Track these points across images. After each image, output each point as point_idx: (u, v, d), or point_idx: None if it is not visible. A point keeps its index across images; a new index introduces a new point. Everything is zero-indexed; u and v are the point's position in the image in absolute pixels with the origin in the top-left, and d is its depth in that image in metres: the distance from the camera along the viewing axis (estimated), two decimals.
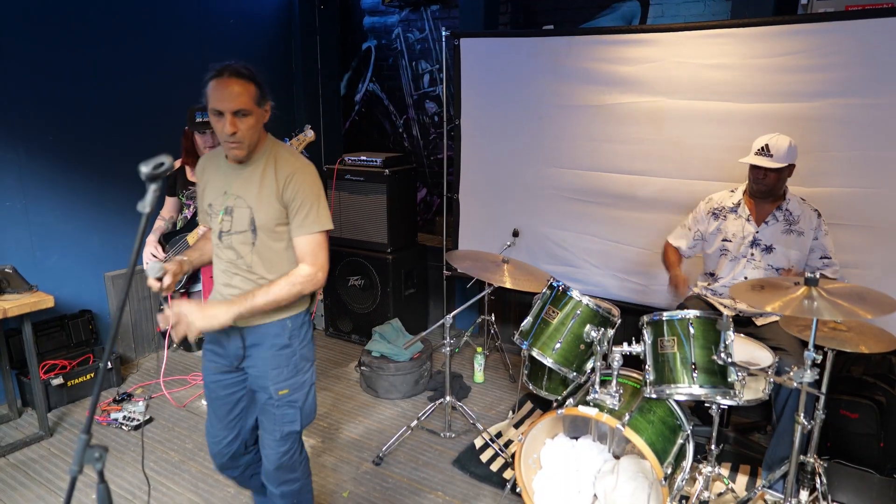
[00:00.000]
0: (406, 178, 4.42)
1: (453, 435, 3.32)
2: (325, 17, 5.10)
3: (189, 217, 3.35)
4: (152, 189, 1.37)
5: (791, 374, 2.08)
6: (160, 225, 3.34)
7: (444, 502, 2.80)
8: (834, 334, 2.33)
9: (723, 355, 2.21)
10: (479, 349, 4.00)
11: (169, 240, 3.31)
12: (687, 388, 2.30)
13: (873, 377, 2.87)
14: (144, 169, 1.33)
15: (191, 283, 3.34)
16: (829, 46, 2.97)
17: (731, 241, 2.96)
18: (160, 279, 1.89)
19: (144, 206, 1.35)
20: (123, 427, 3.37)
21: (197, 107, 3.07)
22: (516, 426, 3.45)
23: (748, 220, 2.93)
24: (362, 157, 4.32)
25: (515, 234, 3.97)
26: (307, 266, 1.96)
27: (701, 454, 2.88)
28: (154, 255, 3.23)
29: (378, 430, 3.39)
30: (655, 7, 3.97)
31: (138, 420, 3.41)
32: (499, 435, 3.31)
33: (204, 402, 3.60)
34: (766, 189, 2.82)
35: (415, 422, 3.22)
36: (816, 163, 3.08)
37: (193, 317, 1.82)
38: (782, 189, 2.87)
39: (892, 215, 2.97)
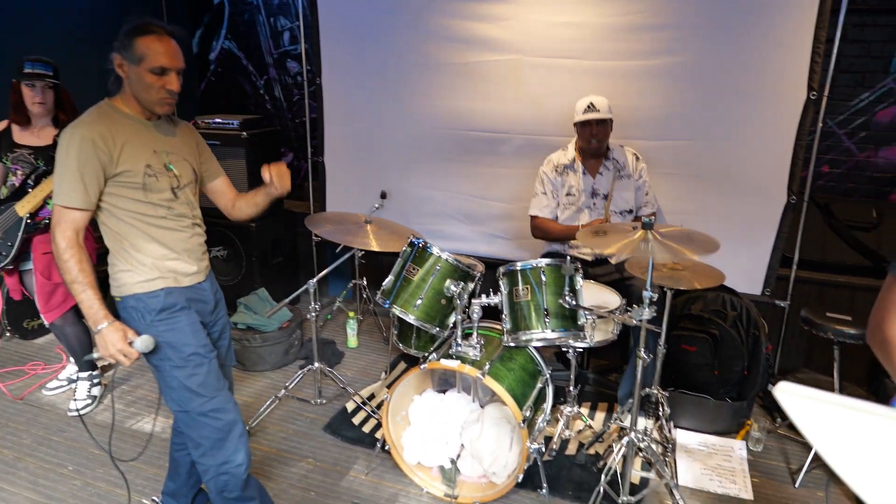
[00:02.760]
0: (267, 141, 4.20)
1: (324, 401, 3.26)
2: None
3: (17, 185, 2.90)
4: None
5: (630, 313, 2.22)
6: None
7: (314, 468, 2.76)
8: (672, 274, 2.51)
9: (567, 298, 2.32)
10: (352, 314, 3.95)
11: None
12: (541, 333, 2.40)
13: (710, 314, 3.16)
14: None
15: (20, 260, 2.95)
16: (663, 6, 3.16)
17: (573, 194, 3.15)
18: None
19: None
20: None
21: (30, 57, 2.72)
22: (389, 387, 3.44)
23: (584, 173, 3.16)
24: (217, 120, 4.04)
25: (383, 195, 3.92)
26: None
27: (562, 397, 3.05)
28: None
29: (246, 404, 3.25)
30: None
31: None
32: (371, 397, 3.30)
33: (46, 392, 3.30)
34: (599, 144, 3.07)
35: (283, 391, 3.13)
36: (655, 117, 3.28)
37: (111, 342, 1.78)
38: (607, 143, 3.13)
39: (714, 163, 3.26)
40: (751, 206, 3.24)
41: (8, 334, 3.88)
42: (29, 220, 2.85)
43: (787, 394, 1.26)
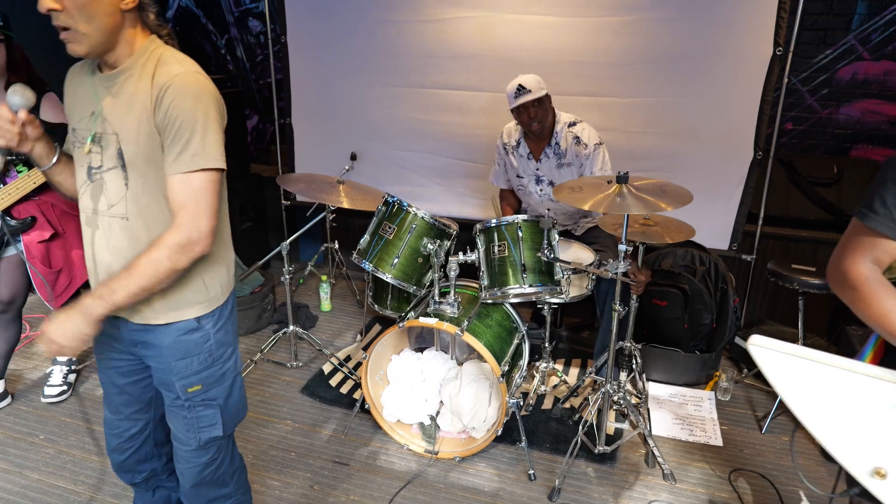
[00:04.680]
0: (231, 103, 4.03)
1: (300, 364, 3.25)
2: None
3: None
4: None
5: (607, 266, 2.25)
6: None
7: (293, 430, 2.76)
8: (644, 229, 2.54)
9: (546, 251, 2.33)
10: (324, 277, 3.91)
11: None
12: (518, 288, 2.42)
13: (679, 269, 3.22)
14: None
15: (4, 245, 2.61)
16: None
17: (522, 177, 3.09)
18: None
19: None
20: None
21: None
22: (365, 349, 3.46)
23: (528, 157, 3.03)
24: None
25: (353, 157, 3.86)
26: (176, 231, 1.40)
27: (538, 354, 3.10)
28: None
29: None
30: None
31: None
32: (348, 359, 3.30)
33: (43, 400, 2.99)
34: (541, 125, 2.84)
35: (258, 355, 3.10)
36: (623, 75, 3.29)
37: (62, 338, 1.38)
38: (552, 119, 2.89)
39: (683, 120, 3.29)
40: (718, 163, 3.30)
41: None
42: (12, 221, 2.51)
43: (759, 347, 1.30)
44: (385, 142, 3.88)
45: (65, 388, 2.94)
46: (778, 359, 1.31)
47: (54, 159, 1.53)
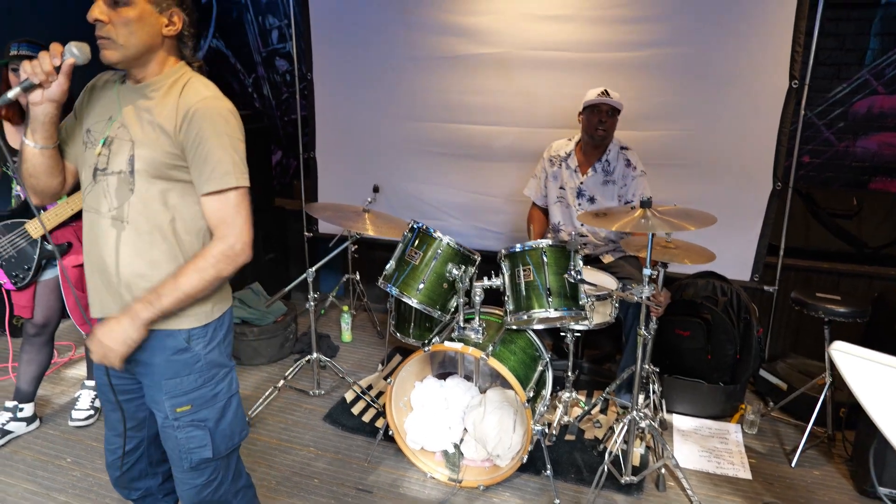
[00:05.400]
0: (259, 136, 4.20)
1: (322, 392, 3.26)
2: (192, 14, 4.65)
3: (23, 197, 2.61)
4: None
5: (632, 290, 2.27)
6: None
7: (316, 456, 2.75)
8: (664, 251, 2.56)
9: (573, 272, 2.36)
10: (346, 308, 3.95)
11: None
12: (544, 312, 2.43)
13: (701, 299, 3.22)
14: None
15: (41, 268, 2.67)
16: (650, 0, 3.23)
17: (564, 189, 3.17)
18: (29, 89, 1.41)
19: None
20: None
21: (21, 39, 2.53)
22: (386, 378, 3.46)
23: (575, 171, 3.13)
24: None
25: (376, 189, 3.94)
26: (220, 241, 1.49)
27: (560, 386, 3.09)
28: None
29: (244, 397, 3.22)
30: None
31: None
32: (369, 388, 3.30)
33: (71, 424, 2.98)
34: (605, 133, 2.98)
35: (281, 381, 3.12)
36: (643, 108, 3.36)
37: (112, 342, 1.45)
38: (609, 138, 3.06)
39: (703, 152, 3.34)
40: (738, 194, 3.33)
41: None
42: (49, 245, 2.62)
43: (842, 353, 1.31)
44: (406, 175, 3.97)
45: (91, 412, 2.96)
46: (860, 365, 1.32)
47: (55, 143, 1.56)
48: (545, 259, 2.45)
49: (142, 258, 1.52)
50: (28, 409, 2.85)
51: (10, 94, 1.40)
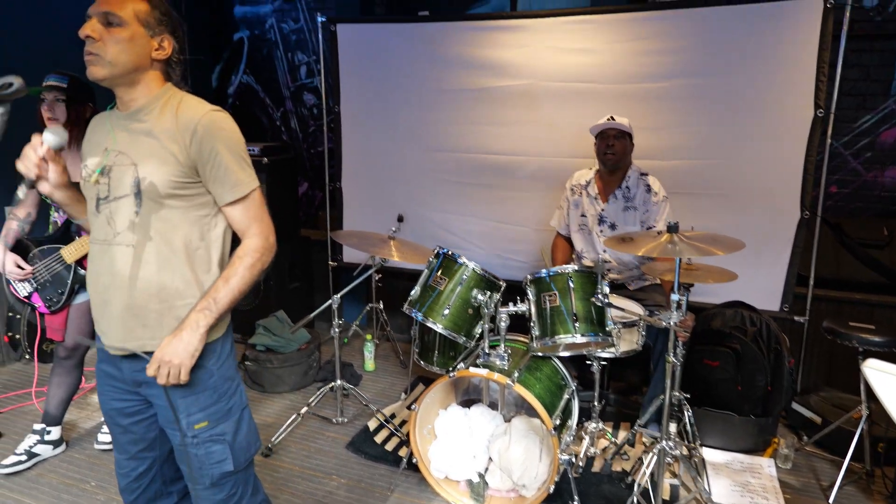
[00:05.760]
0: (286, 168, 4.30)
1: (345, 420, 3.24)
2: (191, 5, 4.86)
3: (60, 223, 2.69)
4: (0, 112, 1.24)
5: (660, 315, 2.24)
6: (12, 227, 2.61)
7: (339, 485, 2.72)
8: (686, 273, 2.54)
9: (600, 296, 2.34)
10: (369, 336, 3.95)
11: (34, 249, 2.66)
12: (570, 337, 2.41)
13: (729, 329, 3.17)
14: None
15: (74, 293, 2.72)
16: (672, 32, 3.29)
17: (585, 216, 3.18)
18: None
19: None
20: None
21: (53, 70, 2.61)
22: (409, 407, 3.43)
23: (595, 198, 3.15)
24: None
25: (400, 219, 3.97)
26: (255, 237, 1.58)
27: (585, 417, 3.03)
28: (19, 267, 2.58)
29: (266, 424, 3.22)
30: (523, 3, 4.17)
31: None
32: (392, 416, 3.28)
33: (97, 447, 3.01)
34: (616, 158, 3.01)
35: (304, 408, 3.11)
36: (669, 138, 3.37)
37: (176, 357, 1.50)
38: (627, 161, 3.09)
39: (729, 181, 3.32)
40: (765, 223, 3.30)
41: (27, 356, 3.87)
42: (82, 271, 2.66)
43: (875, 371, 1.30)
44: (430, 205, 4.01)
45: None
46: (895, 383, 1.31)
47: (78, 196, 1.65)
48: (571, 284, 2.44)
49: (153, 277, 1.54)
50: (55, 433, 2.87)
51: (20, 194, 1.49)
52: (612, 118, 3.00)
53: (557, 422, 2.46)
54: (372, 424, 3.19)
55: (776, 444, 3.01)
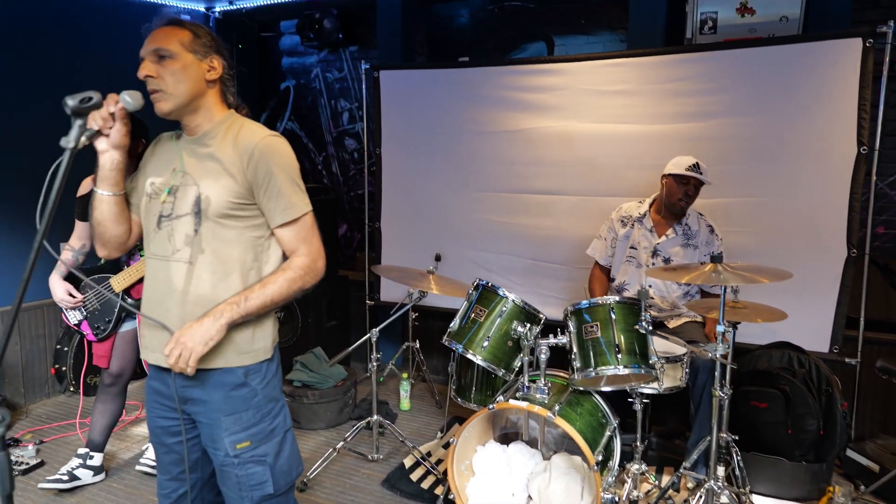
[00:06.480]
0: (326, 209, 4.41)
1: (381, 457, 3.20)
2: (242, 57, 5.14)
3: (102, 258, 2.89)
4: (78, 124, 1.31)
5: (705, 346, 2.20)
6: (67, 257, 2.74)
7: None
8: (733, 311, 2.49)
9: (644, 323, 2.31)
10: (405, 375, 3.94)
11: (85, 279, 2.78)
12: (613, 369, 2.37)
13: (777, 370, 3.07)
14: (71, 102, 1.29)
15: (121, 321, 2.81)
16: (711, 73, 3.32)
17: (636, 248, 3.16)
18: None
19: (68, 141, 1.29)
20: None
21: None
22: (445, 447, 3.37)
23: (651, 231, 3.14)
24: None
25: (438, 258, 4.02)
26: (302, 256, 1.63)
27: (627, 460, 2.94)
28: (71, 295, 2.69)
29: (302, 459, 3.20)
30: (560, 48, 4.29)
31: (27, 464, 3.06)
32: (428, 454, 3.23)
33: (138, 468, 3.07)
34: (686, 204, 3.02)
35: (340, 443, 3.09)
36: (710, 177, 3.36)
37: (190, 340, 1.51)
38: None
39: (773, 219, 3.28)
40: (811, 262, 3.22)
41: (71, 389, 3.95)
42: (129, 300, 2.73)
43: None
44: (468, 243, 4.05)
45: (156, 464, 2.99)
46: None
47: (122, 191, 1.66)
48: (613, 315, 2.42)
49: (207, 294, 1.59)
50: (97, 459, 2.91)
51: (79, 140, 1.44)
52: (698, 166, 2.95)
53: (600, 458, 2.39)
54: (408, 462, 3.14)
55: (831, 493, 2.86)
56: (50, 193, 1.20)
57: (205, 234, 1.59)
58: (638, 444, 2.90)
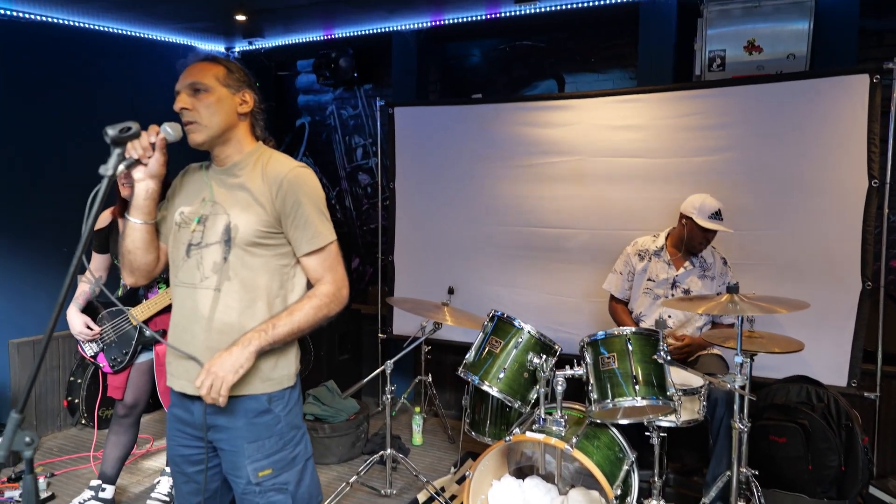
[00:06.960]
0: (340, 243, 4.42)
1: (394, 492, 3.16)
2: (259, 95, 5.26)
3: (129, 286, 2.61)
4: (116, 153, 1.36)
5: (723, 378, 2.19)
6: (84, 289, 2.77)
7: None
8: (750, 341, 2.48)
9: (662, 353, 2.30)
10: (418, 409, 3.91)
11: (103, 311, 2.80)
12: (630, 400, 2.36)
13: (795, 404, 3.03)
14: (111, 132, 1.33)
15: (137, 353, 2.81)
16: (720, 108, 3.38)
17: (654, 280, 3.17)
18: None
19: (107, 168, 1.33)
20: None
21: None
22: (459, 482, 3.33)
23: (669, 263, 3.16)
24: None
25: (451, 291, 4.03)
26: (328, 284, 1.67)
27: (644, 496, 2.88)
28: (89, 328, 2.72)
29: None
30: (570, 86, 4.38)
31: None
32: (442, 489, 3.18)
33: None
34: (703, 249, 3.09)
35: (354, 477, 3.05)
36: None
37: (221, 370, 1.52)
38: None
39: (787, 253, 3.29)
40: (826, 295, 3.21)
41: (83, 421, 3.94)
42: (147, 332, 2.73)
43: None
44: (480, 277, 4.06)
45: (167, 499, 2.96)
46: None
47: (154, 220, 1.69)
48: (630, 346, 2.42)
49: (234, 321, 1.62)
50: (109, 492, 2.89)
51: (118, 168, 1.45)
52: (720, 213, 2.99)
53: (618, 492, 2.36)
54: (421, 497, 3.10)
55: None
56: (88, 218, 1.23)
57: (233, 261, 1.63)
58: (656, 479, 2.86)
